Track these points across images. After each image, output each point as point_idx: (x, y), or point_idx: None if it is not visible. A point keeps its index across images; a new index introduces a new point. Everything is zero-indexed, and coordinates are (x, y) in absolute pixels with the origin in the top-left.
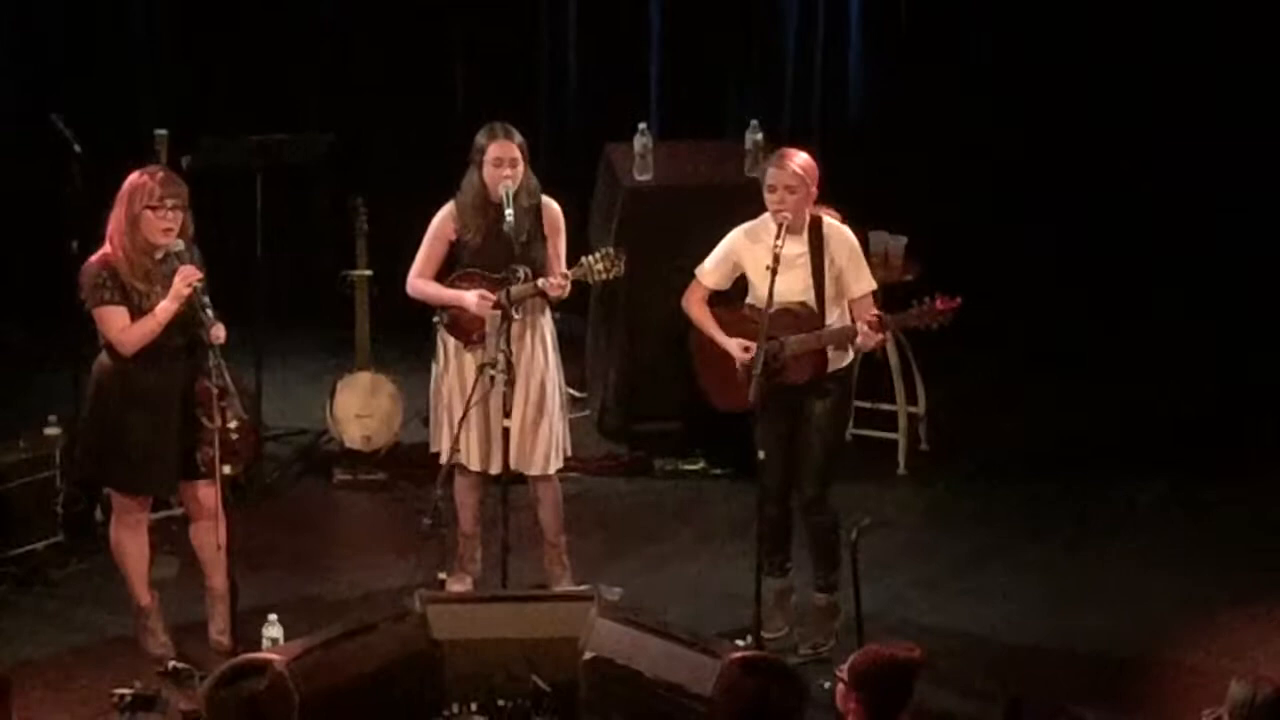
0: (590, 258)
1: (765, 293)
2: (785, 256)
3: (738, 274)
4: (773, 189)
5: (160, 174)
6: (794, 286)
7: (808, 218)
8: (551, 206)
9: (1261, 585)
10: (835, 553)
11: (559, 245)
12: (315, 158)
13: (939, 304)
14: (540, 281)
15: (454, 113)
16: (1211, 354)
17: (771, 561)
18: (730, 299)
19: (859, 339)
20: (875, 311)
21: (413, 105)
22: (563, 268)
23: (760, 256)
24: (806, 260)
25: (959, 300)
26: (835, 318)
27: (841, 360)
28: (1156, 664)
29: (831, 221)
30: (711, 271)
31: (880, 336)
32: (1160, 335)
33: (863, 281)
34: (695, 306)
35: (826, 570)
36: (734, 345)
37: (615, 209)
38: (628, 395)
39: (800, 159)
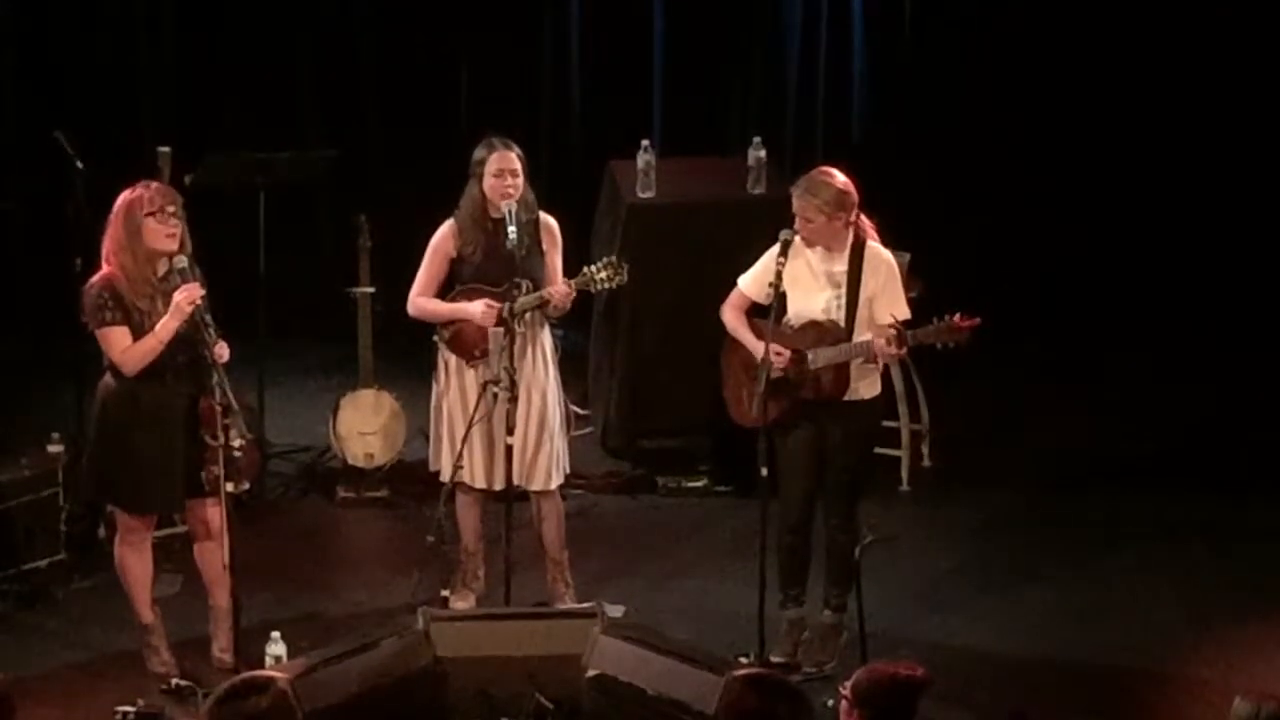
0: (592, 267)
1: (802, 308)
2: (823, 272)
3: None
4: (795, 214)
5: (154, 184)
6: (825, 303)
7: (851, 237)
8: (549, 221)
9: (1266, 600)
10: (850, 573)
11: (556, 259)
12: (317, 175)
13: (958, 320)
14: (545, 291)
15: (457, 130)
16: (1214, 367)
17: (787, 594)
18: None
19: (876, 346)
20: (894, 322)
21: (415, 122)
22: (562, 279)
23: (797, 270)
24: (844, 279)
25: (979, 320)
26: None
27: (870, 390)
28: (1160, 679)
29: (874, 245)
30: (751, 281)
31: (894, 350)
32: (1163, 349)
33: (896, 309)
34: (730, 312)
35: (839, 589)
36: (761, 348)
37: (618, 226)
38: (630, 412)
39: (816, 186)
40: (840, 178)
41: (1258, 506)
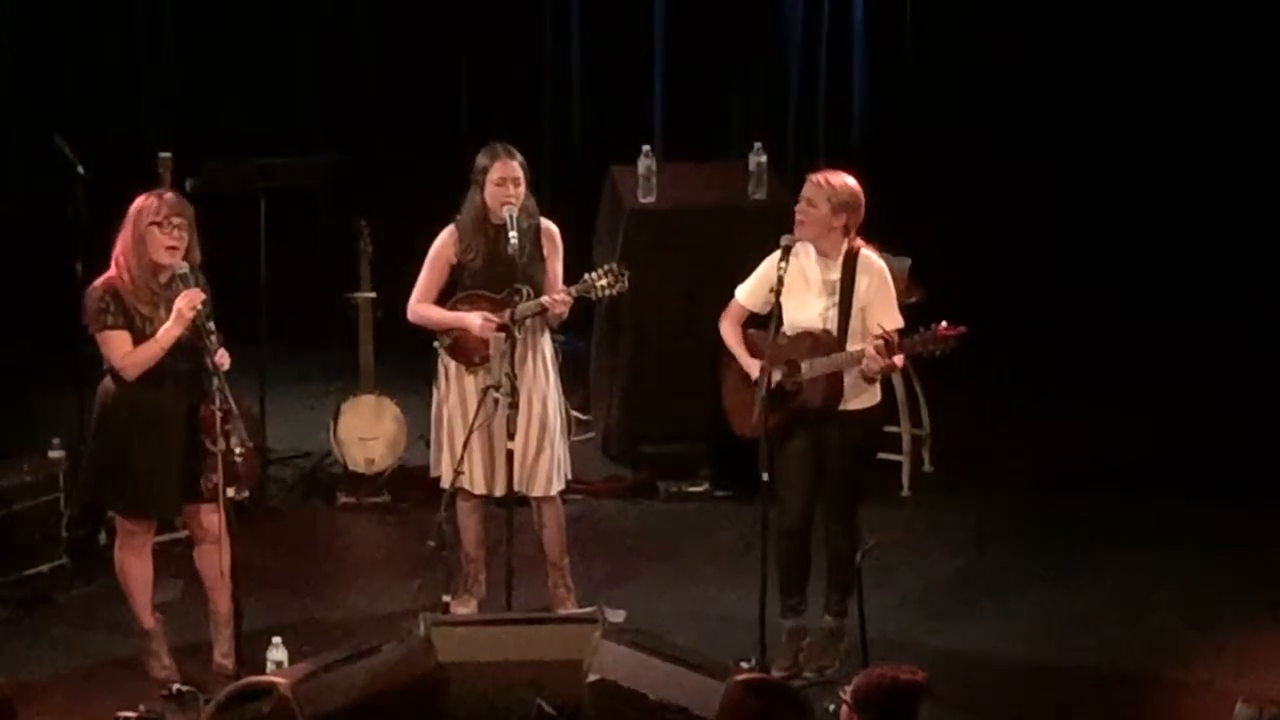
0: (593, 274)
1: (796, 318)
2: (817, 281)
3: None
4: (798, 200)
5: (167, 194)
6: (820, 312)
7: (845, 246)
8: (550, 227)
9: (1267, 604)
10: (851, 578)
11: (557, 266)
12: (318, 180)
13: (942, 329)
14: (545, 298)
15: (458, 135)
16: (1213, 371)
17: (786, 604)
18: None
19: (865, 360)
20: (882, 333)
21: (416, 127)
22: (562, 286)
23: (793, 278)
24: (837, 288)
25: (964, 328)
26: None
27: (868, 399)
28: (1161, 684)
29: (869, 254)
30: (748, 292)
31: (884, 361)
32: (1163, 354)
33: (888, 319)
34: (727, 325)
35: (840, 594)
36: (755, 365)
37: (619, 231)
38: (632, 417)
39: (835, 180)
40: (856, 184)
41: (1258, 508)
